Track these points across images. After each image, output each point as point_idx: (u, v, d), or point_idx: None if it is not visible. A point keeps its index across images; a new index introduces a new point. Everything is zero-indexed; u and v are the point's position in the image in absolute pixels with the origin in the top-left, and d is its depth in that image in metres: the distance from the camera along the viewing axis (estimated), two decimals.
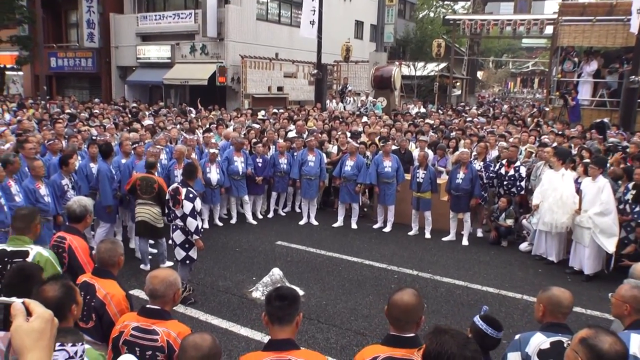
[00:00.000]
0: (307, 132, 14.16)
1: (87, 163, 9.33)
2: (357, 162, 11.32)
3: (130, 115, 18.32)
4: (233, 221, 11.65)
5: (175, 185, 7.36)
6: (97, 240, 9.01)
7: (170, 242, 7.73)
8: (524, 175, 10.61)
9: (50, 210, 7.99)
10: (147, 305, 3.30)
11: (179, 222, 7.18)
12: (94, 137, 11.36)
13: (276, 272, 7.90)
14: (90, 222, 5.03)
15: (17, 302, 1.63)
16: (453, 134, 14.50)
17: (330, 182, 12.86)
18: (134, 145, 9.84)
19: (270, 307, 2.90)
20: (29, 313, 1.61)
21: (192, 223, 7.07)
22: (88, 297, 3.78)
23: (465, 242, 10.48)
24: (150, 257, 8.86)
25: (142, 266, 8.65)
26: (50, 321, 1.61)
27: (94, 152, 9.44)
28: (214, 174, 11.02)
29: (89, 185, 9.11)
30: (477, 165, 10.87)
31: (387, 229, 11.19)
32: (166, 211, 7.53)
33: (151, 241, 8.92)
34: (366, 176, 11.35)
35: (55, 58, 30.75)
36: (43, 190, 7.93)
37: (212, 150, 11.10)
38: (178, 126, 14.75)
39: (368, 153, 12.60)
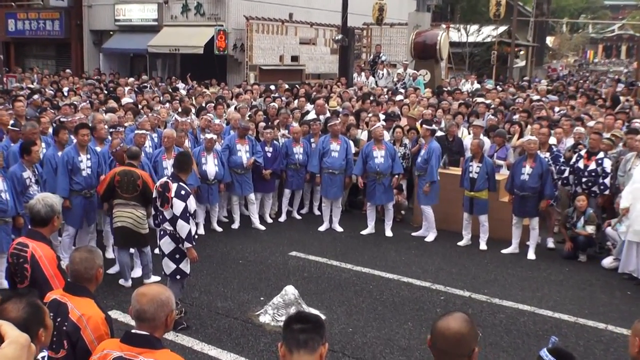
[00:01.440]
0: (329, 114, 14.16)
1: (55, 152, 9.45)
2: (389, 150, 11.32)
3: (106, 92, 18.51)
4: (235, 226, 11.72)
5: (164, 179, 7.42)
6: (64, 249, 9.14)
7: (157, 251, 7.79)
8: (608, 170, 10.49)
9: (8, 209, 8.13)
10: (133, 331, 3.32)
11: (167, 226, 7.23)
12: (62, 120, 11.49)
13: (290, 291, 7.91)
14: (59, 225, 5.07)
15: None
16: (516, 116, 14.40)
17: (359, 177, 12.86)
18: (111, 130, 9.94)
19: (290, 332, 2.90)
20: (0, 338, 1.62)
21: (183, 227, 7.11)
22: (59, 320, 3.80)
23: (531, 255, 10.41)
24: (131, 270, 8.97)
25: (121, 281, 8.74)
26: (27, 347, 1.62)
27: (64, 139, 9.55)
28: (211, 166, 11.09)
29: (67, 177, 9.21)
30: (542, 155, 10.77)
31: (430, 237, 11.15)
32: (152, 212, 7.58)
33: (132, 250, 9.01)
34: (401, 166, 11.44)
35: (13, 20, 31.18)
36: (0, 184, 8.06)
37: (209, 136, 11.18)
38: (167, 105, 14.87)
39: (406, 141, 12.59)
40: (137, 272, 9.02)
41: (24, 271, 4.62)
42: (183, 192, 7.09)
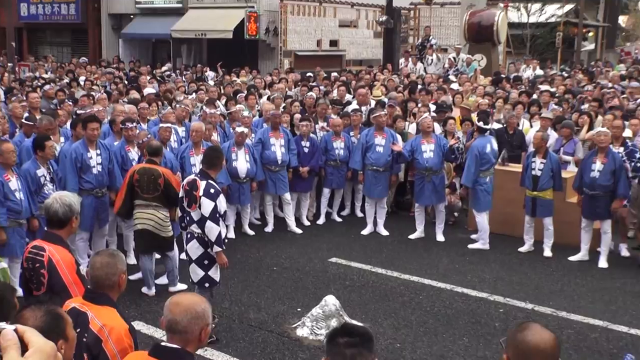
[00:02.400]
0: (372, 105, 14.15)
1: (75, 147, 9.51)
2: (439, 143, 11.26)
3: (126, 82, 18.76)
4: (269, 229, 11.79)
5: (191, 177, 7.48)
6: (79, 254, 9.27)
7: (183, 256, 7.86)
8: None
9: (22, 210, 8.26)
10: (163, 344, 3.34)
11: (195, 228, 7.30)
12: (79, 112, 11.69)
13: (330, 302, 7.90)
14: (77, 226, 5.15)
15: (7, 329, 1.63)
16: (585, 106, 14.18)
17: (407, 175, 12.81)
18: (129, 126, 9.94)
19: (335, 346, 2.90)
20: (23, 345, 1.63)
21: (212, 229, 7.16)
22: (78, 331, 3.80)
23: (603, 263, 10.25)
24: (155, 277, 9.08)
25: (144, 290, 8.86)
26: (53, 357, 1.63)
27: (82, 133, 9.68)
28: (242, 163, 11.17)
29: (75, 176, 9.32)
30: (615, 149, 10.58)
31: (478, 245, 11.03)
32: (179, 214, 7.66)
33: (158, 255, 9.13)
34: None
35: (26, 4, 31.72)
36: (14, 183, 8.20)
37: (239, 129, 11.26)
38: (193, 96, 14.99)
39: (459, 134, 12.49)
40: (161, 279, 9.12)
41: (40, 277, 4.69)
42: (212, 191, 7.14)
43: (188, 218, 7.34)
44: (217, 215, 7.14)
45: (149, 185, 8.60)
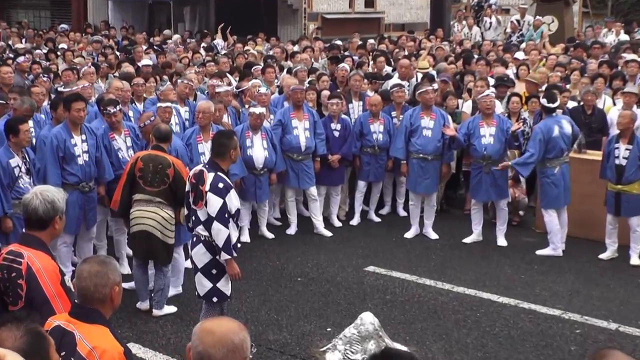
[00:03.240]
0: (418, 79, 14.09)
1: (56, 133, 9.47)
2: (501, 126, 11.18)
3: (118, 52, 18.82)
4: (292, 231, 11.83)
5: (198, 168, 7.48)
6: (61, 261, 9.28)
7: (188, 264, 7.86)
8: None
9: None
10: None
11: (201, 230, 7.29)
12: (60, 89, 11.74)
13: (367, 320, 7.83)
14: (61, 229, 5.15)
15: None
16: None
17: (460, 165, 12.74)
18: (111, 111, 9.88)
19: None
20: None
21: (220, 232, 7.14)
22: (63, 354, 3.85)
23: None
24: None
25: (139, 305, 8.89)
26: None
27: (63, 115, 9.69)
28: (258, 150, 11.19)
29: (57, 167, 9.30)
30: None
31: (547, 251, 10.93)
32: (185, 212, 7.66)
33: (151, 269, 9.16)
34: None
35: None
36: None
37: (256, 110, 11.25)
38: (197, 68, 15.01)
39: (525, 114, 12.39)
40: (171, 290, 9.13)
41: (17, 289, 4.70)
42: (221, 185, 7.12)
43: (194, 217, 7.35)
44: (226, 215, 7.12)
45: (155, 177, 8.56)
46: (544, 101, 11.00)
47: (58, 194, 5.06)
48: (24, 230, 5.17)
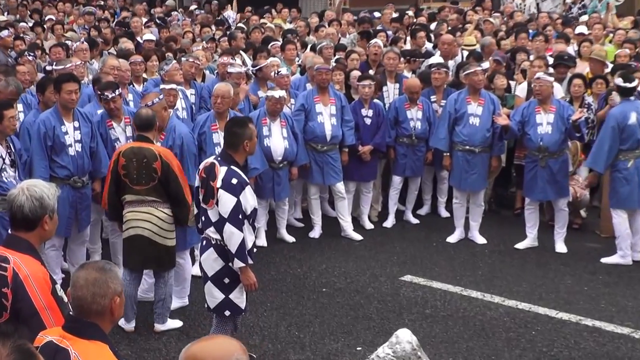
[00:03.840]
0: (462, 56, 13.99)
1: (45, 119, 9.40)
2: (561, 113, 11.06)
3: (114, 26, 18.82)
4: (315, 234, 11.82)
5: (210, 160, 7.42)
6: (50, 267, 9.25)
7: (196, 270, 7.81)
8: None
9: None
10: None
11: (212, 232, 7.26)
12: (48, 69, 11.73)
13: (404, 338, 7.80)
14: (52, 230, 5.11)
15: None
16: None
17: (511, 158, 12.64)
18: (109, 96, 9.82)
19: None
20: None
21: (233, 236, 7.08)
22: None
23: None
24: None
25: (123, 325, 8.66)
26: None
27: (52, 98, 9.65)
28: (277, 140, 11.16)
29: (45, 159, 9.26)
30: None
31: (614, 259, 10.82)
32: (194, 211, 7.62)
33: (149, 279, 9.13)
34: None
35: None
36: None
37: (273, 94, 11.18)
38: (205, 44, 14.99)
39: (589, 99, 12.28)
40: (174, 301, 9.09)
41: (1, 298, 4.66)
42: (234, 181, 7.06)
43: (204, 218, 7.31)
44: (240, 216, 7.07)
45: (141, 173, 8.42)
46: (618, 81, 10.87)
47: (48, 190, 5.03)
48: (9, 232, 5.14)
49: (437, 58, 13.87)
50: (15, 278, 4.67)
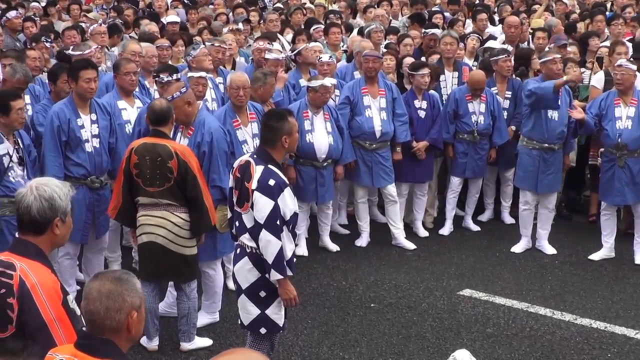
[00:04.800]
0: (530, 41, 13.95)
1: (58, 111, 9.37)
2: None
3: (136, 7, 18.92)
4: (363, 242, 11.80)
5: (246, 157, 7.42)
6: (63, 277, 9.29)
7: (231, 284, 7.81)
8: None
9: None
10: None
11: (247, 240, 7.25)
12: (65, 51, 11.77)
13: (462, 359, 7.83)
14: (65, 235, 5.09)
15: None
16: None
17: (583, 156, 12.54)
18: (165, 79, 9.92)
19: None
20: None
21: (270, 245, 7.03)
22: None
23: None
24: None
25: (145, 343, 8.69)
26: None
27: (66, 88, 9.68)
28: (321, 135, 11.16)
29: (59, 156, 9.25)
30: None
31: None
32: (228, 215, 7.63)
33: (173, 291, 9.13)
34: None
35: None
36: None
37: (324, 82, 11.09)
38: (235, 26, 15.04)
39: None
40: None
41: (6, 310, 4.67)
42: (272, 182, 7.02)
43: (238, 223, 7.31)
44: (278, 222, 7.03)
45: (155, 173, 8.33)
46: None
47: (60, 190, 4.96)
48: (16, 235, 5.15)
49: (494, 43, 13.80)
50: (21, 287, 4.66)
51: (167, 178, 8.31)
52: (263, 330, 7.35)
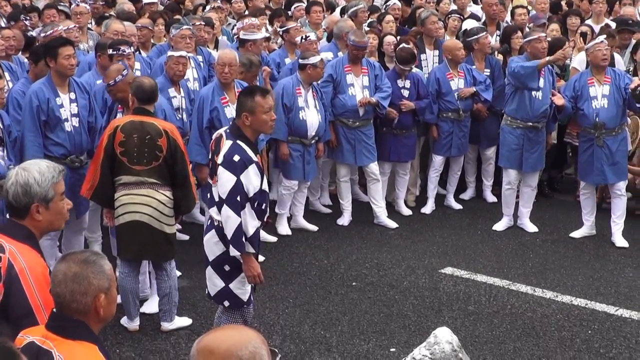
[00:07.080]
0: (509, 20, 13.95)
1: (37, 90, 9.32)
2: (617, 84, 10.99)
3: None
4: (345, 221, 11.82)
5: (220, 131, 7.46)
6: (45, 256, 9.25)
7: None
8: None
9: None
10: None
11: (214, 213, 7.30)
12: (42, 34, 11.69)
13: (443, 338, 7.78)
14: (50, 220, 4.94)
15: None
16: None
17: (562, 135, 12.56)
18: (124, 51, 9.88)
19: None
20: None
21: (229, 220, 7.06)
22: None
23: None
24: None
25: (126, 323, 8.71)
26: None
27: (44, 68, 9.61)
28: (313, 114, 11.16)
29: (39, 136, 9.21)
30: None
31: None
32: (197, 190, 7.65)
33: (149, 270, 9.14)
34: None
35: None
36: None
37: (315, 59, 11.05)
38: (216, 4, 15.01)
39: None
40: (152, 306, 9.10)
41: None
42: (236, 158, 7.03)
43: (209, 195, 7.40)
44: (239, 198, 7.04)
45: (142, 151, 8.34)
46: None
47: (41, 176, 4.82)
48: (7, 217, 5.10)
49: (471, 22, 13.78)
50: (9, 270, 4.61)
51: (155, 156, 8.33)
52: (226, 303, 7.47)
